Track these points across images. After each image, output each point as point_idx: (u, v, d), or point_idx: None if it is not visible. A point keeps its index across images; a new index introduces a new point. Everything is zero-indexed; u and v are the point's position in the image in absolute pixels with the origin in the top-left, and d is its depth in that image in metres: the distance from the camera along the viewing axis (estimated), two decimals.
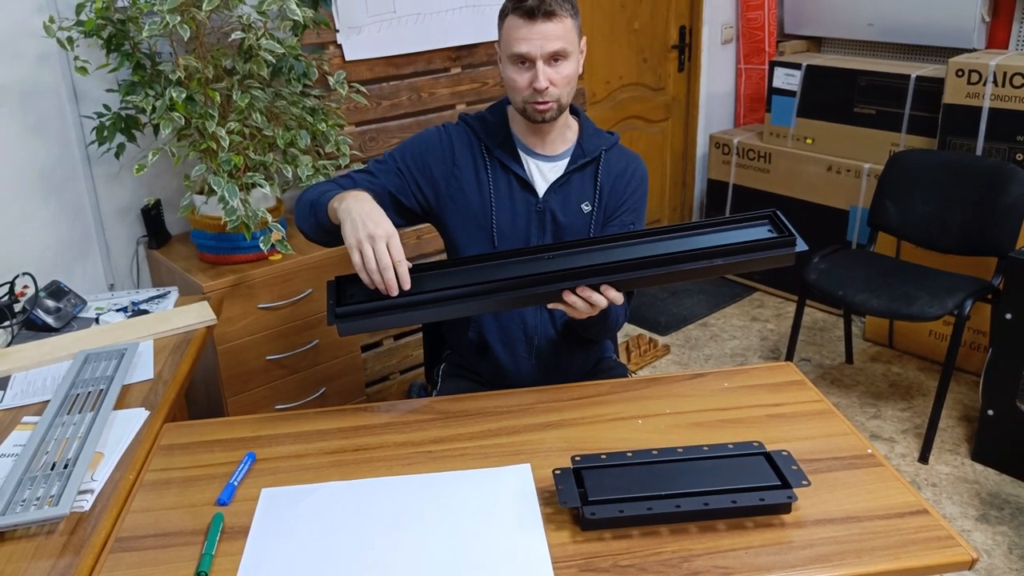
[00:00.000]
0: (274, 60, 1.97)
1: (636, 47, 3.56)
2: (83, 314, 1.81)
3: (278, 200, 2.16)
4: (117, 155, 2.06)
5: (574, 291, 1.33)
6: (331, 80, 2.10)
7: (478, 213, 1.58)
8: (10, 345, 1.67)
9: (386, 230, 1.32)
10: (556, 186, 1.59)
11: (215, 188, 1.84)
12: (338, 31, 2.35)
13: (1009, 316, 2.33)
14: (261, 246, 1.93)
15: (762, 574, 1.05)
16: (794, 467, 1.17)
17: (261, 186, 1.94)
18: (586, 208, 1.60)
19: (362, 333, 1.73)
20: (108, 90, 2.10)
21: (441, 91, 2.60)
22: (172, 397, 1.49)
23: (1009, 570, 2.07)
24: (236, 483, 1.25)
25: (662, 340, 3.30)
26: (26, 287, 1.83)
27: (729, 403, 1.43)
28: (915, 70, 3.12)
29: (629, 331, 3.35)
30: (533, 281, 1.34)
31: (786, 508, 1.14)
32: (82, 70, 1.94)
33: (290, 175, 2.05)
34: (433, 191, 1.59)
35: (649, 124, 3.75)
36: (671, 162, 3.91)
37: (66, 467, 1.24)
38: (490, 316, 1.64)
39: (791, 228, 1.35)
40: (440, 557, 1.09)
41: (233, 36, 1.95)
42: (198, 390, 2.22)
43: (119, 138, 2.03)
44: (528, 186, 1.59)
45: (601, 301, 1.34)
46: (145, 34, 1.78)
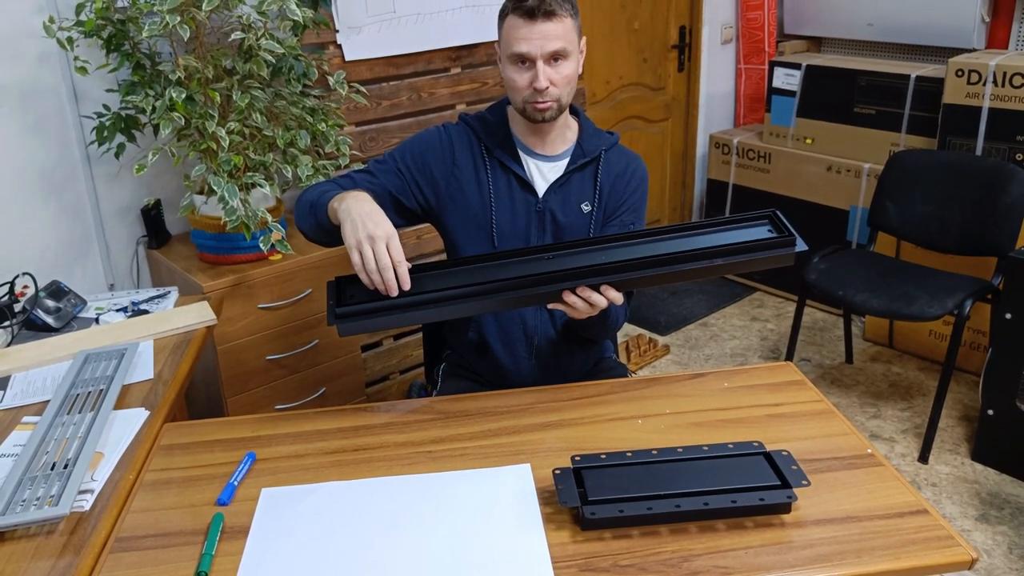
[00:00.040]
0: (274, 60, 1.97)
1: (636, 47, 3.56)
2: (83, 314, 1.81)
3: (278, 200, 2.17)
4: (117, 155, 2.06)
5: (574, 291, 1.33)
6: (331, 80, 2.10)
7: (478, 213, 1.58)
8: (10, 345, 1.67)
9: (386, 231, 1.32)
10: (556, 186, 1.59)
11: (215, 188, 1.84)
12: (338, 31, 2.35)
13: (1009, 316, 2.33)
14: (261, 246, 1.93)
15: (762, 574, 1.05)
16: (794, 467, 1.17)
17: (261, 186, 1.94)
18: (586, 208, 1.60)
19: (362, 333, 1.74)
20: (108, 90, 2.10)
21: (441, 91, 2.60)
22: (172, 397, 1.49)
23: (1009, 570, 2.07)
24: (236, 483, 1.25)
25: (662, 340, 3.30)
26: (26, 287, 1.83)
27: (729, 403, 1.43)
28: (915, 70, 3.12)
29: (629, 331, 3.35)
30: (533, 281, 1.34)
31: (786, 508, 1.14)
32: (82, 70, 1.94)
33: (290, 175, 2.05)
34: (433, 191, 1.59)
35: (649, 124, 3.74)
36: (671, 162, 3.91)
37: (66, 467, 1.24)
38: (490, 316, 1.64)
39: (791, 228, 1.36)
40: (440, 557, 1.09)
41: (233, 36, 1.95)
42: (198, 390, 2.22)
43: (119, 138, 2.03)
44: (528, 186, 1.59)
45: (601, 301, 1.34)
46: (145, 34, 1.79)
